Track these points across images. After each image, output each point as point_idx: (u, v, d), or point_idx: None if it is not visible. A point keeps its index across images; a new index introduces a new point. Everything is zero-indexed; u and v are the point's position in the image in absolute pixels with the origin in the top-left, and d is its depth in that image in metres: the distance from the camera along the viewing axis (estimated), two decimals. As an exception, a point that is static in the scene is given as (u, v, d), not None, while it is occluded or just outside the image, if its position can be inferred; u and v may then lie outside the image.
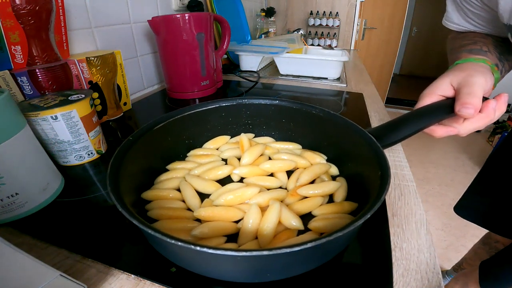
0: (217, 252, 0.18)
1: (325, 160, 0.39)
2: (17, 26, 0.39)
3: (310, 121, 0.40)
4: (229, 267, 0.22)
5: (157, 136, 0.35)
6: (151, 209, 0.30)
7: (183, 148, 0.41)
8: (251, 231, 0.27)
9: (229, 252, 0.18)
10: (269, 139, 0.44)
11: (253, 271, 0.22)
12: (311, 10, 1.62)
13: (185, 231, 0.27)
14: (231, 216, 0.29)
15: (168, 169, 0.37)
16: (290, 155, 0.39)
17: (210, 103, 0.41)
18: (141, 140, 0.32)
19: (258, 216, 0.28)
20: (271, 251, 0.17)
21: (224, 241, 0.27)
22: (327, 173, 0.36)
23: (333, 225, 0.27)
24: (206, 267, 0.23)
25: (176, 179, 0.35)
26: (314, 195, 0.32)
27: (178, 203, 0.31)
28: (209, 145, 0.43)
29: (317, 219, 0.29)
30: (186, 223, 0.28)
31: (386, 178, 0.24)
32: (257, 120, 0.44)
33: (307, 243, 0.18)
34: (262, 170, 0.36)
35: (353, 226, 0.19)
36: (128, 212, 0.20)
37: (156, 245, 0.24)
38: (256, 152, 0.39)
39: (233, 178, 0.36)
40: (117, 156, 0.27)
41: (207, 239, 0.26)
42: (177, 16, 0.59)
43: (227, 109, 0.42)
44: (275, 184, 0.35)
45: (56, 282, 0.18)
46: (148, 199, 0.32)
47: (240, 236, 0.27)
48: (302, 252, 0.18)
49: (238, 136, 0.44)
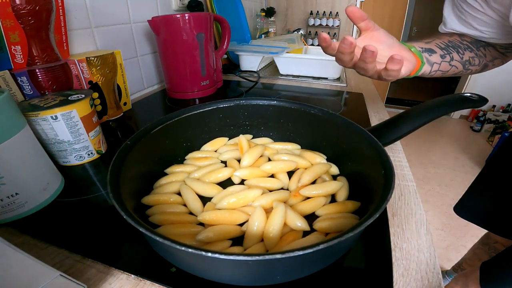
0: (230, 258, 0.17)
1: (325, 160, 0.39)
2: (17, 26, 0.39)
3: (308, 121, 0.40)
4: (240, 271, 0.22)
5: (154, 139, 0.35)
6: (153, 214, 0.30)
7: (181, 151, 0.41)
8: (257, 233, 0.27)
9: (242, 257, 0.17)
10: (268, 140, 0.44)
11: (264, 274, 0.22)
12: (311, 10, 1.62)
13: (190, 236, 0.27)
14: (236, 219, 0.29)
15: (167, 172, 0.37)
16: (290, 155, 0.39)
17: (207, 104, 0.41)
18: (139, 144, 0.32)
19: (263, 219, 0.28)
20: (284, 254, 0.17)
21: (229, 245, 0.27)
22: (327, 173, 0.36)
23: (338, 225, 0.27)
24: (215, 272, 0.22)
25: (176, 183, 0.34)
26: (317, 195, 0.32)
27: (179, 207, 0.31)
28: (208, 147, 0.43)
29: (322, 219, 0.29)
30: (190, 228, 0.28)
31: (391, 176, 0.24)
32: (255, 121, 0.44)
33: (319, 244, 0.18)
34: (263, 171, 0.36)
35: (363, 226, 0.19)
36: (134, 220, 0.20)
37: (162, 251, 0.24)
38: (256, 153, 0.39)
39: (234, 181, 0.36)
40: (115, 161, 0.27)
41: (212, 243, 0.26)
42: (177, 16, 0.59)
43: (225, 110, 0.42)
44: (276, 185, 0.35)
45: (56, 282, 0.18)
46: (149, 204, 0.31)
47: (246, 239, 0.27)
48: (313, 254, 0.18)
49: (237, 137, 0.44)
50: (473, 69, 0.46)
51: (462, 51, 0.44)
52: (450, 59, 0.43)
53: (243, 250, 0.26)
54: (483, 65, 0.46)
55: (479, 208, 0.65)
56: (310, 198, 0.32)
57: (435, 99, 0.35)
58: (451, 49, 0.43)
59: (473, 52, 0.45)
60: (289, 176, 0.36)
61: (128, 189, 0.27)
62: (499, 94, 2.42)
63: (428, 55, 0.42)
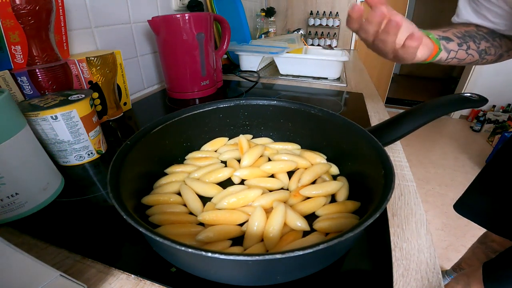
0: (230, 258, 0.17)
1: (325, 160, 0.39)
2: (17, 26, 0.39)
3: (308, 121, 0.40)
4: (240, 271, 0.22)
5: (154, 139, 0.35)
6: (153, 214, 0.30)
7: (181, 151, 0.41)
8: (257, 233, 0.27)
9: (242, 257, 0.17)
10: (268, 140, 0.44)
11: (264, 274, 0.22)
12: (311, 10, 1.62)
13: (190, 236, 0.27)
14: (235, 219, 0.29)
15: (167, 172, 0.37)
16: (290, 155, 0.39)
17: (207, 104, 0.41)
18: (139, 144, 0.32)
19: (263, 219, 0.28)
20: (284, 254, 0.17)
21: (230, 245, 0.27)
22: (328, 173, 0.36)
23: (338, 224, 0.27)
24: (215, 272, 0.22)
25: (176, 182, 0.34)
26: (317, 195, 0.32)
27: (179, 207, 0.31)
28: (207, 147, 0.43)
29: (322, 219, 0.29)
30: (190, 228, 0.28)
31: (391, 177, 0.24)
32: (255, 121, 0.44)
33: (319, 244, 0.18)
34: (263, 171, 0.36)
35: (363, 226, 0.19)
36: (134, 220, 0.20)
37: (162, 251, 0.24)
38: (256, 153, 0.39)
39: (234, 181, 0.36)
40: (115, 161, 0.27)
41: (212, 243, 0.26)
42: (177, 16, 0.59)
43: (225, 110, 0.42)
44: (276, 185, 0.35)
45: (56, 282, 0.18)
46: (149, 204, 0.31)
47: (246, 239, 0.27)
48: (314, 254, 0.18)
49: (237, 137, 0.44)
50: (488, 58, 0.47)
51: (478, 41, 0.44)
52: (467, 48, 0.44)
53: (243, 250, 0.26)
54: (499, 55, 0.47)
55: (478, 207, 0.65)
56: (310, 198, 0.32)
57: (435, 99, 0.35)
58: (468, 38, 0.44)
59: (489, 42, 0.45)
60: (289, 176, 0.36)
61: (128, 189, 0.27)
62: (499, 94, 2.42)
63: (446, 42, 0.42)
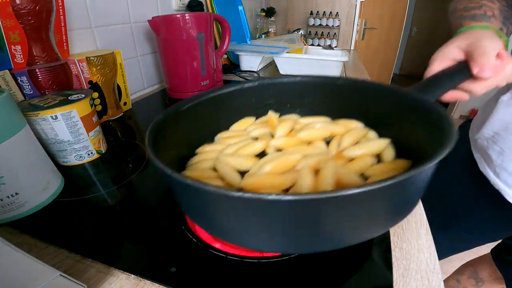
0: (287, 198, 0.14)
1: (362, 125, 0.36)
2: (17, 26, 0.39)
3: (335, 94, 0.38)
4: (284, 229, 0.19)
5: (182, 120, 0.33)
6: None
7: (206, 133, 0.38)
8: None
9: (304, 196, 0.14)
10: (295, 116, 0.42)
11: (312, 237, 0.19)
12: (311, 10, 1.62)
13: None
14: (281, 183, 0.26)
15: (198, 152, 0.34)
16: (324, 123, 0.36)
17: (231, 85, 0.39)
18: (169, 122, 0.29)
19: (312, 178, 0.25)
20: (360, 189, 0.14)
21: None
22: (366, 138, 0.33)
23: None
24: (257, 233, 0.20)
25: (209, 160, 0.32)
26: (362, 154, 0.29)
27: (216, 181, 0.28)
28: (236, 127, 0.40)
29: (374, 178, 0.25)
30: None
31: (451, 123, 0.21)
32: (280, 99, 0.42)
33: (401, 175, 0.15)
34: (299, 139, 0.34)
35: (442, 154, 0.16)
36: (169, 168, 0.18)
37: (195, 209, 0.21)
38: (288, 125, 0.36)
39: (269, 152, 0.33)
40: (151, 134, 0.24)
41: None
42: (177, 16, 0.59)
43: (250, 90, 0.40)
44: (315, 152, 0.31)
45: (56, 282, 0.18)
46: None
47: None
48: (387, 193, 0.15)
49: (264, 116, 0.41)
50: None
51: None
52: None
53: None
54: None
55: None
56: (354, 160, 0.29)
57: (452, 66, 0.33)
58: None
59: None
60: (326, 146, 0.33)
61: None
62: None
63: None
